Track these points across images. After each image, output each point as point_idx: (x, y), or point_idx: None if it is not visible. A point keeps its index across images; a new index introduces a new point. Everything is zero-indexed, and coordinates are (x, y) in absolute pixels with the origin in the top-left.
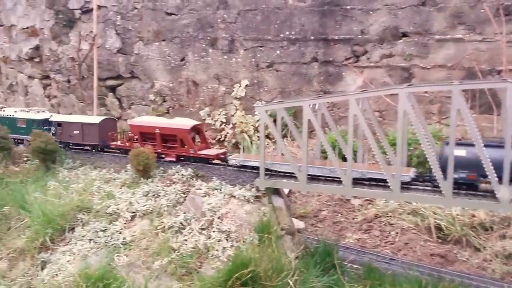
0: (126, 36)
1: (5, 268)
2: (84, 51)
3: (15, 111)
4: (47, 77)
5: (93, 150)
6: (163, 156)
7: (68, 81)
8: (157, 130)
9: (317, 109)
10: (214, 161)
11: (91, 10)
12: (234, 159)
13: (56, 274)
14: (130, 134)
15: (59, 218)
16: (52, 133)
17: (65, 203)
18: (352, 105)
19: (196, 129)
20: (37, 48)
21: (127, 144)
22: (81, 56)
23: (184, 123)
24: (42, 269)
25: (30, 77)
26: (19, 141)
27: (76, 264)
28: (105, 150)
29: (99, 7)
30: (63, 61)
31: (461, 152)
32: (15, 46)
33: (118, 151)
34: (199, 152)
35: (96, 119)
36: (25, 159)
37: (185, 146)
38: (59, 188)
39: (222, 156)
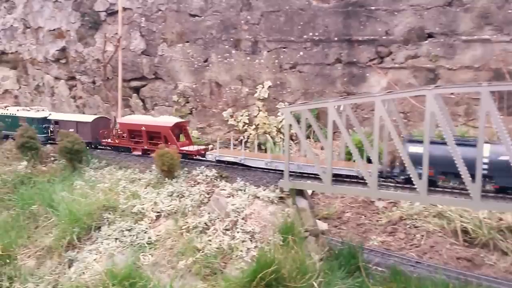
0: (150, 37)
1: (33, 266)
2: (109, 52)
3: (17, 110)
4: (73, 78)
5: (87, 147)
6: (149, 152)
7: (93, 82)
8: (143, 128)
9: (342, 110)
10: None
11: (116, 12)
12: (211, 154)
13: (83, 272)
14: (119, 132)
15: (86, 217)
16: (50, 130)
17: (91, 202)
18: (378, 106)
19: (179, 127)
20: (63, 49)
21: (117, 141)
22: (106, 58)
23: (167, 120)
24: (69, 267)
25: (57, 78)
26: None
27: (103, 262)
28: (98, 147)
29: (124, 9)
30: (88, 62)
31: (418, 149)
32: (42, 47)
33: (109, 148)
34: (181, 148)
35: (89, 117)
36: (52, 158)
37: (169, 143)
38: (86, 187)
39: (203, 152)
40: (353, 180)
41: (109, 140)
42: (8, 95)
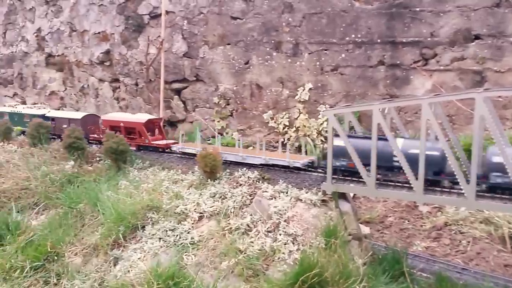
0: (192, 40)
1: (79, 263)
2: (152, 55)
3: (23, 108)
4: (117, 80)
5: None
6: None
7: (136, 84)
8: (122, 124)
9: (386, 113)
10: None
11: (159, 15)
12: (175, 146)
13: (128, 271)
14: (103, 128)
15: (131, 217)
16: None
17: (136, 202)
18: (425, 109)
19: (153, 123)
20: (107, 52)
21: (101, 136)
22: (149, 60)
23: (141, 117)
24: (115, 265)
25: (101, 80)
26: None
27: (147, 261)
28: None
29: (167, 12)
30: (131, 64)
31: (341, 142)
32: (87, 50)
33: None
34: (152, 142)
35: (79, 114)
36: (98, 158)
37: (142, 137)
38: (130, 187)
39: (171, 145)
40: (397, 184)
41: (95, 135)
42: (54, 97)
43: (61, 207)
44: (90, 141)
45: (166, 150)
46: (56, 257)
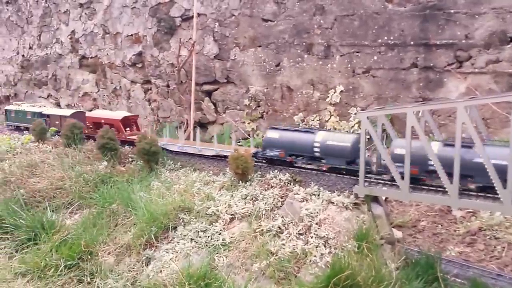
0: (223, 42)
1: (112, 263)
2: (183, 57)
3: (26, 106)
4: (148, 82)
5: None
6: None
7: (167, 86)
8: (102, 120)
9: (421, 116)
10: None
11: (191, 17)
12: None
13: (160, 271)
14: (87, 124)
15: (163, 217)
16: (46, 122)
17: (167, 203)
18: (461, 112)
19: (129, 119)
20: (139, 54)
21: (86, 131)
22: (180, 62)
23: (118, 114)
24: (147, 265)
25: (133, 82)
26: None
27: (179, 262)
28: None
29: (199, 14)
30: (163, 66)
31: (274, 134)
32: (119, 52)
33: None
34: (128, 137)
35: (68, 112)
36: (130, 159)
37: (119, 132)
38: (162, 188)
39: None
40: (431, 188)
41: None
42: (87, 98)
43: (95, 206)
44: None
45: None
46: (89, 256)
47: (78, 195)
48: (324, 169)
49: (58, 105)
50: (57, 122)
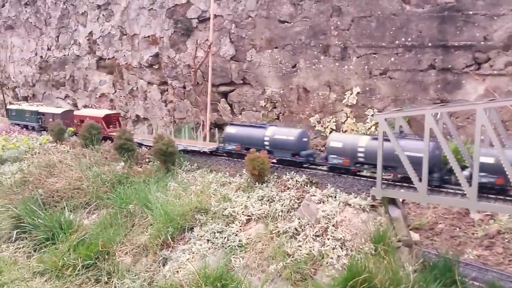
0: (239, 43)
1: (129, 263)
2: (200, 58)
3: (25, 105)
4: (165, 83)
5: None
6: None
7: (184, 87)
8: (87, 118)
9: (439, 118)
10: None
11: (208, 19)
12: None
13: (177, 271)
14: (75, 121)
15: (179, 218)
16: (41, 119)
17: (184, 204)
18: (480, 115)
19: (111, 117)
20: (156, 55)
21: (74, 128)
22: (197, 63)
23: (101, 112)
24: (164, 265)
25: (149, 83)
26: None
27: (195, 262)
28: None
29: (215, 16)
30: (179, 68)
31: (232, 130)
32: (136, 53)
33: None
34: (109, 133)
35: (59, 110)
36: (147, 160)
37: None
38: (179, 189)
39: None
40: (450, 191)
41: (70, 127)
42: (104, 99)
43: (112, 207)
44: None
45: None
46: (107, 256)
47: (95, 195)
48: (274, 161)
49: (75, 105)
50: (50, 120)
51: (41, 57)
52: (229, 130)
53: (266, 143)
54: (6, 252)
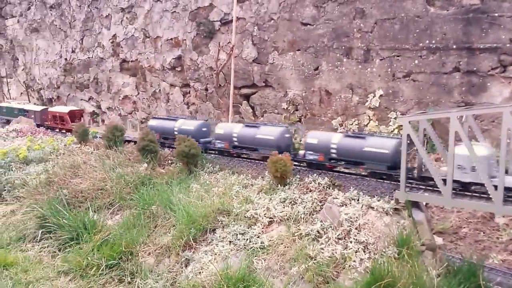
0: (261, 46)
1: (152, 263)
2: (222, 60)
3: (15, 103)
4: (187, 85)
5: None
6: (60, 128)
7: (206, 89)
8: (57, 114)
9: (464, 121)
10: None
11: (230, 21)
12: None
13: (199, 272)
14: (49, 117)
15: (202, 219)
16: (24, 115)
17: (206, 205)
18: (506, 118)
19: (75, 113)
20: (179, 58)
21: (49, 123)
22: (219, 66)
23: (66, 109)
24: (186, 266)
25: (172, 85)
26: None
27: (218, 264)
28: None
29: (238, 18)
30: (202, 70)
31: (153, 122)
32: (159, 56)
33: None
34: (71, 126)
35: (38, 108)
36: (170, 161)
37: (66, 123)
38: (201, 190)
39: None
40: (475, 194)
41: (46, 122)
42: (127, 101)
43: (135, 208)
44: (44, 126)
45: None
46: (130, 256)
47: (119, 196)
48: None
49: (99, 107)
50: (32, 116)
51: (66, 59)
52: (151, 122)
53: (176, 132)
54: (32, 251)
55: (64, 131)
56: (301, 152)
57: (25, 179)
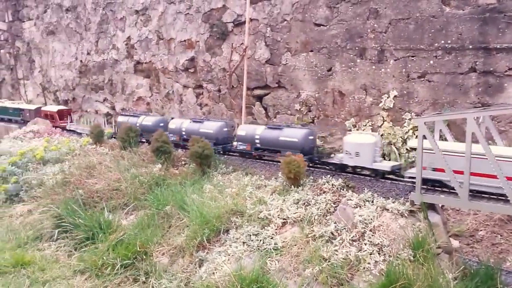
0: (274, 47)
1: (166, 263)
2: (235, 62)
3: (8, 103)
4: (200, 86)
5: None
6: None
7: (219, 91)
8: (48, 112)
9: (481, 122)
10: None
11: (243, 23)
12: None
13: (213, 273)
14: (42, 115)
15: (215, 220)
16: (22, 114)
17: (220, 206)
18: None
19: (63, 112)
20: (192, 59)
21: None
22: (232, 67)
23: (55, 108)
24: (200, 266)
25: (185, 87)
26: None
27: (231, 265)
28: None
29: (251, 20)
30: (215, 71)
31: (122, 119)
32: (173, 57)
33: None
34: (60, 124)
35: (33, 107)
36: (183, 162)
37: (56, 121)
38: (214, 191)
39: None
40: (492, 196)
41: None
42: (141, 102)
43: (149, 208)
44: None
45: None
46: (144, 256)
47: (133, 196)
48: (143, 140)
49: (113, 108)
50: (27, 114)
51: (81, 61)
52: (120, 119)
53: (137, 126)
54: (48, 250)
55: (54, 127)
56: (235, 143)
57: (42, 179)
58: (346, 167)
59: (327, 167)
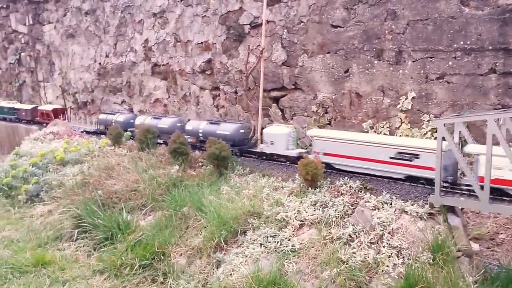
0: (291, 49)
1: (184, 264)
2: (252, 63)
3: (4, 103)
4: (217, 88)
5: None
6: (46, 122)
7: (235, 92)
8: (44, 111)
9: (501, 124)
10: None
11: (260, 25)
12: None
13: (230, 274)
14: (38, 114)
15: (232, 221)
16: (16, 113)
17: (237, 207)
18: None
19: (58, 110)
20: (209, 61)
21: (38, 118)
22: (249, 69)
23: (51, 107)
24: (217, 267)
25: (202, 88)
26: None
27: (249, 266)
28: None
29: (268, 22)
30: (231, 73)
31: (102, 116)
32: (190, 60)
33: None
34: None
35: (29, 106)
36: (200, 164)
37: (50, 119)
38: (232, 193)
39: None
40: None
41: (37, 118)
42: (158, 104)
43: (167, 209)
44: (34, 121)
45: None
46: (162, 257)
47: (151, 197)
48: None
49: (131, 110)
50: (23, 114)
51: (100, 64)
52: (101, 116)
53: (113, 123)
54: (68, 250)
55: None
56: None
57: (62, 180)
58: (264, 155)
59: (253, 156)
